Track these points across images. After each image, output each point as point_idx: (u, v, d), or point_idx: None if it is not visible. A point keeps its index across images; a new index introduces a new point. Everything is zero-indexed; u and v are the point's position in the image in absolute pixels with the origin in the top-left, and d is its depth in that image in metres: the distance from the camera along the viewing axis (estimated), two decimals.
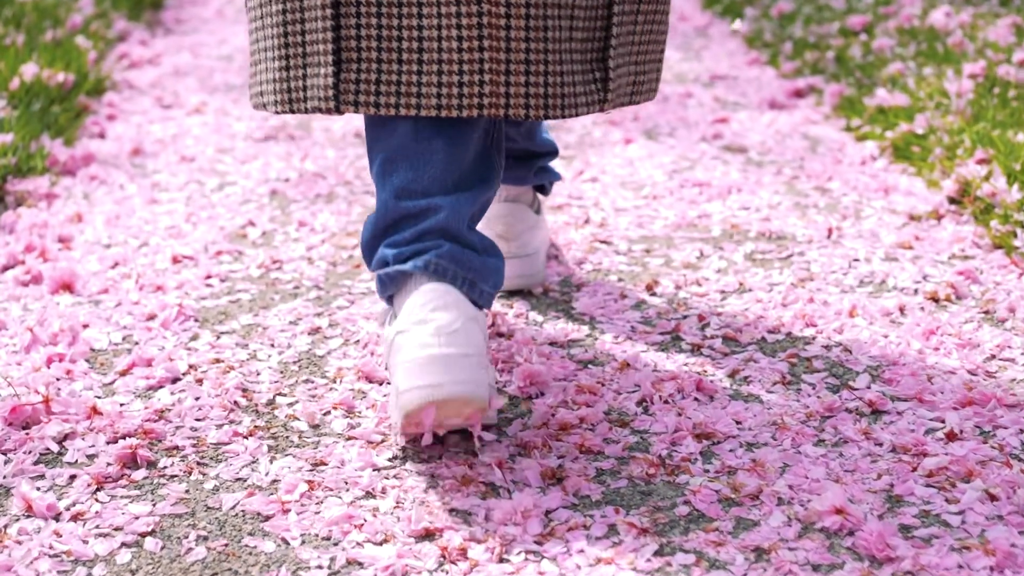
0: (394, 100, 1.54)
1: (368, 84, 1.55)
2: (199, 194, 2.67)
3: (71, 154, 2.79)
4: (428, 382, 1.47)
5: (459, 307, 1.54)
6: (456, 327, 1.51)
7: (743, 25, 3.76)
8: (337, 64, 1.55)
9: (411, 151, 1.60)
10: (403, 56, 1.53)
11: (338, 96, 1.55)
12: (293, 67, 1.58)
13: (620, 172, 2.72)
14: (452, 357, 1.48)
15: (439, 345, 1.49)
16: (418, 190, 1.60)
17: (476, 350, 1.50)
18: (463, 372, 1.48)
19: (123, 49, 3.81)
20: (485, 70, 1.52)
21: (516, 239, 2.05)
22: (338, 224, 2.46)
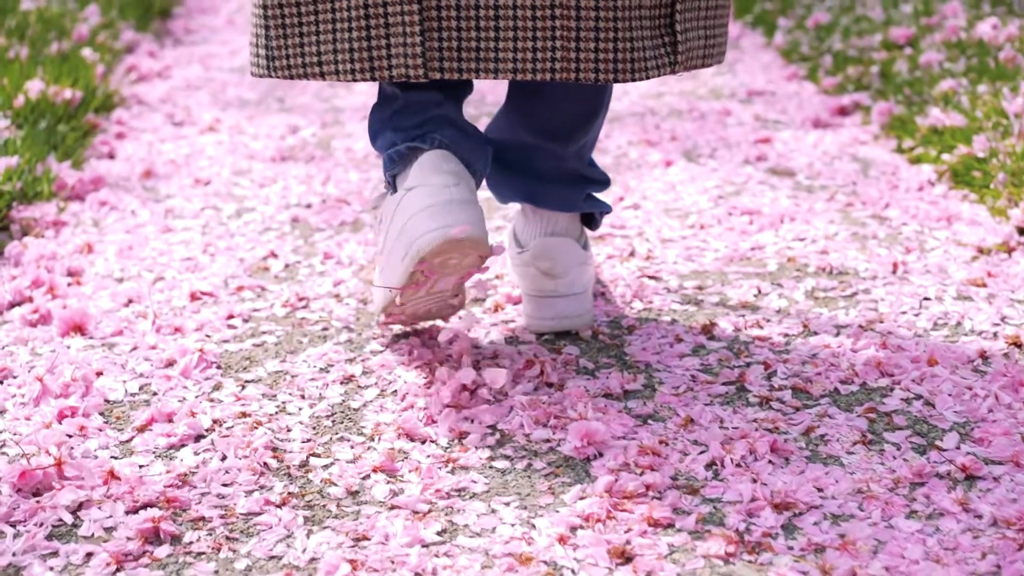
0: (474, 65, 1.64)
1: (450, 51, 1.64)
2: (216, 221, 2.51)
3: (79, 177, 2.64)
4: (442, 223, 1.65)
5: (460, 169, 1.72)
6: (460, 181, 1.70)
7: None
8: (423, 33, 1.63)
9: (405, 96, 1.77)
10: (480, 24, 1.62)
11: (426, 63, 1.64)
12: (375, 36, 1.65)
13: (662, 198, 2.57)
14: (466, 201, 1.67)
15: (449, 193, 1.67)
16: (421, 85, 1.76)
17: (476, 200, 1.70)
18: (474, 214, 1.68)
19: (131, 61, 3.66)
20: (556, 36, 1.62)
21: (563, 276, 1.94)
22: (366, 255, 2.31)
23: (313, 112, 3.23)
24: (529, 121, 1.89)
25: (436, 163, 1.71)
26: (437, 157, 1.72)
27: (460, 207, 1.68)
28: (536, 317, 1.95)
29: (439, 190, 1.68)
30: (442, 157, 1.72)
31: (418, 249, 1.67)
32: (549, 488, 1.56)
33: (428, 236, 1.66)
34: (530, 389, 1.79)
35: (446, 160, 1.72)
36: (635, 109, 3.17)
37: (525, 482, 1.58)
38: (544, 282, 1.92)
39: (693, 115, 3.11)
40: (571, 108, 1.88)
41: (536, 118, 1.88)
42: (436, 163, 1.71)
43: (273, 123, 3.14)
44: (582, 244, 1.99)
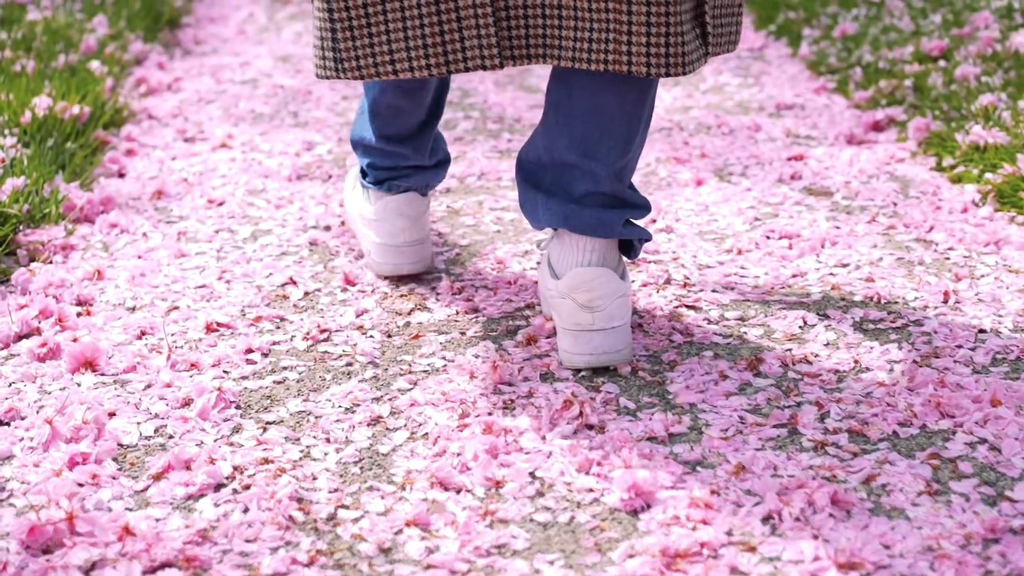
0: (542, 52, 1.73)
1: (519, 39, 1.72)
2: (231, 244, 2.41)
3: (88, 198, 2.54)
4: (393, 261, 2.19)
5: (417, 207, 2.18)
6: (415, 224, 2.18)
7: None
8: (497, 23, 1.70)
9: (388, 105, 2.10)
10: (546, 12, 1.70)
11: (501, 53, 1.72)
12: (448, 31, 1.71)
13: (696, 220, 2.46)
14: (415, 243, 2.19)
15: (403, 238, 2.18)
16: (392, 133, 2.13)
17: (425, 235, 2.21)
18: (417, 255, 2.20)
19: (140, 74, 3.55)
20: (610, 29, 1.68)
21: (601, 309, 1.84)
22: (389, 283, 2.20)
23: (328, 127, 3.13)
24: (568, 133, 1.83)
25: (398, 207, 2.16)
26: (398, 201, 2.17)
27: (410, 249, 2.18)
28: (573, 352, 1.86)
29: (396, 232, 2.17)
30: (402, 202, 2.17)
31: (373, 268, 2.22)
32: (595, 544, 1.45)
33: (383, 267, 2.20)
34: (569, 432, 1.68)
35: (406, 204, 2.17)
36: (662, 124, 3.07)
37: (569, 537, 1.47)
38: (581, 315, 1.84)
39: (722, 130, 3.00)
40: (610, 114, 1.81)
41: (574, 128, 1.82)
42: (398, 207, 2.16)
43: (287, 139, 3.04)
44: (620, 274, 1.89)
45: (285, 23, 4.30)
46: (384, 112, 2.11)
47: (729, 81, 3.44)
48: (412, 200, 2.17)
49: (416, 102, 2.10)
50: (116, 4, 4.17)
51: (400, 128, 2.13)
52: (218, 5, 4.65)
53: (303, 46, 3.97)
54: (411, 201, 2.17)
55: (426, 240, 2.20)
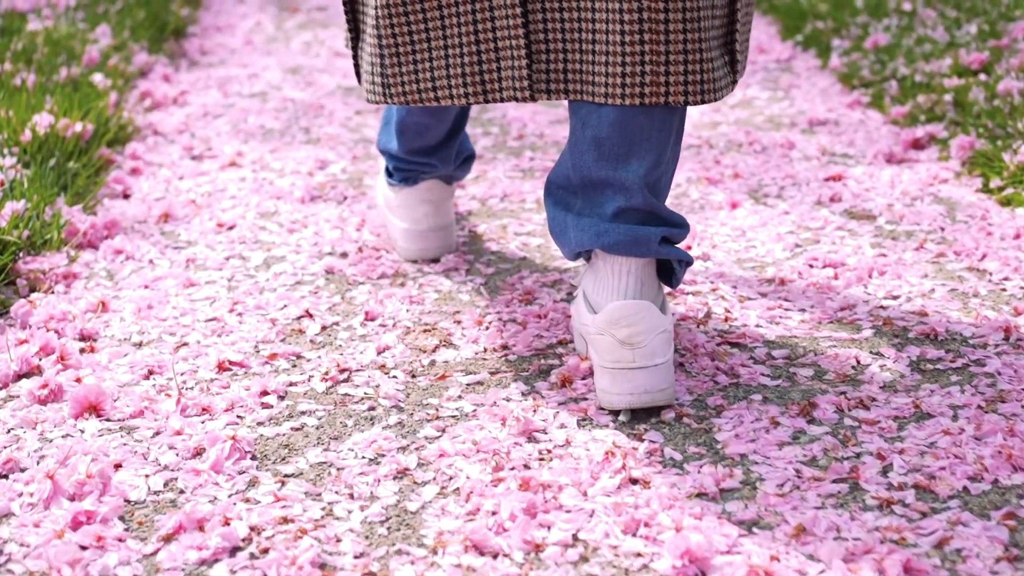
0: (579, 87, 1.72)
1: (557, 73, 1.72)
2: (242, 272, 2.28)
3: (92, 222, 2.41)
4: (420, 247, 2.30)
5: (440, 193, 2.29)
6: (438, 210, 2.29)
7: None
8: (529, 56, 1.70)
9: (411, 125, 2.17)
10: (582, 47, 1.69)
11: (532, 86, 1.72)
12: (486, 60, 1.72)
13: (733, 247, 2.33)
14: (438, 228, 2.29)
15: (426, 222, 2.29)
16: (418, 147, 2.21)
17: (449, 220, 2.31)
18: (442, 241, 2.31)
19: (145, 87, 3.42)
20: (646, 62, 1.67)
21: (642, 347, 1.71)
22: (411, 316, 2.07)
23: (342, 144, 3.00)
24: (596, 148, 1.74)
25: (419, 194, 2.27)
26: (421, 190, 2.27)
27: (434, 234, 2.29)
28: (612, 393, 1.73)
29: (419, 218, 2.28)
30: (425, 189, 2.27)
31: (401, 254, 2.31)
32: None
33: (410, 252, 2.30)
34: (612, 488, 1.56)
35: (428, 191, 2.27)
36: (690, 141, 2.94)
37: None
38: (621, 352, 1.71)
39: (754, 148, 2.87)
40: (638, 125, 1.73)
41: (602, 142, 1.74)
42: (419, 194, 2.27)
43: (299, 157, 2.91)
44: (661, 307, 1.78)
45: (294, 33, 4.17)
46: (411, 129, 2.18)
47: (758, 95, 3.31)
48: (434, 186, 2.27)
49: (441, 120, 2.17)
50: (120, 13, 4.04)
51: (426, 142, 2.20)
52: (225, 14, 4.53)
53: (312, 57, 3.84)
54: (433, 187, 2.27)
55: (450, 226, 2.31)
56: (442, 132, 2.19)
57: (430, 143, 2.20)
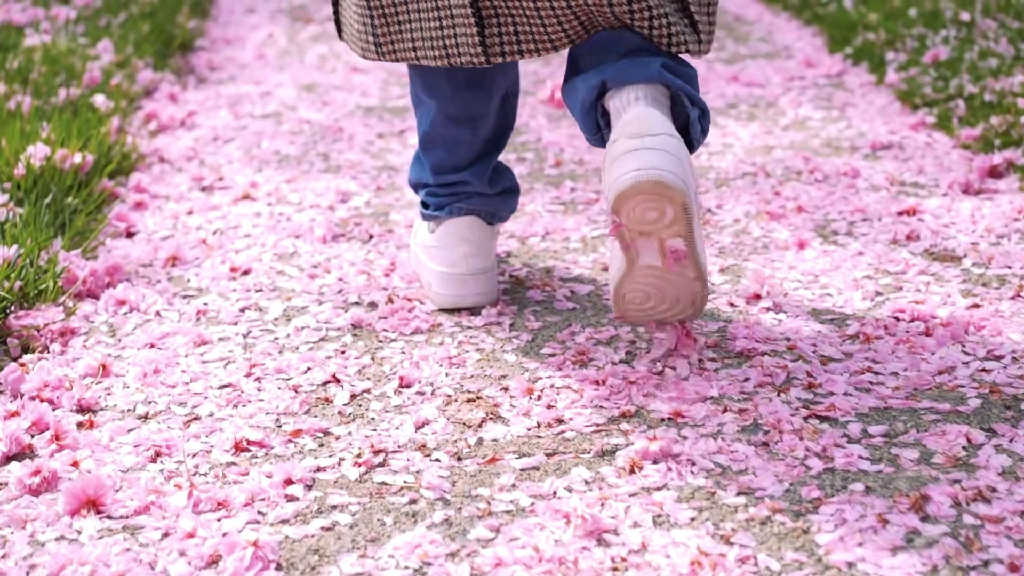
0: (533, 47, 1.81)
1: (508, 36, 1.81)
2: (259, 327, 2.04)
3: (92, 269, 2.17)
4: (457, 292, 2.05)
5: (480, 233, 2.06)
6: (478, 252, 2.05)
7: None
8: (479, 23, 1.80)
9: (443, 135, 2.04)
10: (527, 12, 1.77)
11: (487, 51, 1.82)
12: (446, 27, 1.82)
13: (805, 294, 2.09)
14: (474, 276, 2.04)
15: (465, 267, 2.04)
16: (450, 166, 2.05)
17: (490, 265, 2.07)
18: (481, 287, 2.06)
19: (150, 108, 3.18)
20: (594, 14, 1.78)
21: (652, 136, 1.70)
22: (452, 381, 1.84)
23: (364, 172, 2.76)
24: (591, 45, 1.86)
25: (458, 231, 2.05)
26: (460, 224, 2.06)
27: (473, 279, 2.05)
28: (620, 174, 1.69)
29: (457, 260, 2.05)
30: (464, 224, 2.05)
31: (435, 300, 2.07)
32: None
33: (443, 298, 2.06)
34: None
35: (467, 227, 2.05)
36: (743, 168, 2.70)
37: None
38: (630, 142, 1.70)
39: (815, 176, 2.63)
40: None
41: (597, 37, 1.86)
42: (458, 231, 2.05)
43: (318, 188, 2.67)
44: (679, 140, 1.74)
45: (308, 45, 3.94)
46: (438, 143, 2.05)
47: (811, 115, 3.07)
48: (475, 224, 2.06)
49: (472, 133, 2.04)
50: (123, 26, 3.81)
51: (457, 161, 2.06)
52: (234, 25, 4.29)
53: (328, 72, 3.60)
54: (473, 225, 2.06)
55: (492, 270, 2.07)
56: (473, 151, 2.05)
57: (461, 163, 2.05)
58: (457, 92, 2.02)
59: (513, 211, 2.15)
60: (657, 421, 1.72)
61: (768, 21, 4.07)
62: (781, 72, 3.42)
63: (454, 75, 1.99)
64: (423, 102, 2.06)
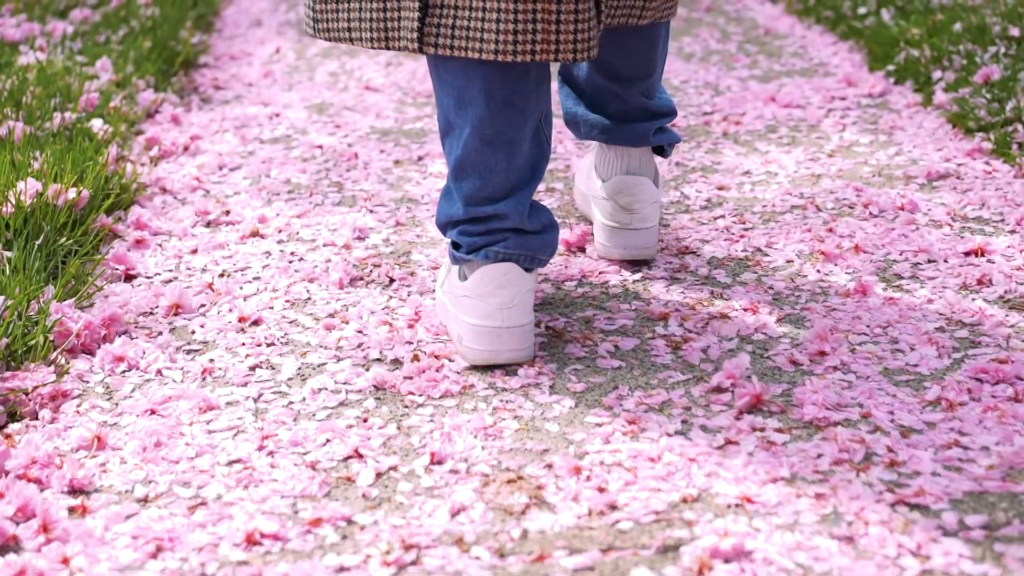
0: (465, 44, 1.78)
1: (447, 28, 1.78)
2: (272, 390, 1.85)
3: (87, 321, 1.98)
4: (491, 347, 1.86)
5: (519, 283, 1.86)
6: (515, 303, 1.85)
7: None
8: (423, 10, 1.78)
9: (476, 162, 1.87)
10: (472, 3, 1.76)
11: (422, 38, 1.80)
12: (390, 9, 1.81)
13: (873, 349, 1.90)
14: (510, 330, 1.86)
15: (500, 319, 1.85)
16: (485, 196, 1.88)
17: (528, 319, 1.87)
18: (517, 342, 1.87)
19: (152, 132, 2.99)
20: (538, 20, 1.76)
21: (639, 212, 2.18)
22: (488, 455, 1.64)
23: (382, 205, 2.56)
24: (599, 65, 2.15)
25: (494, 279, 1.86)
26: (496, 272, 1.86)
27: (508, 335, 1.86)
28: (609, 246, 2.21)
29: (492, 312, 1.86)
30: (500, 272, 1.86)
31: (465, 355, 1.89)
32: None
33: (476, 353, 1.88)
34: None
35: (504, 275, 1.86)
36: (791, 200, 2.49)
37: None
38: (621, 215, 2.18)
39: (869, 210, 2.43)
40: (630, 56, 2.13)
41: (603, 63, 2.13)
42: (494, 279, 1.86)
43: (333, 223, 2.47)
44: (656, 182, 2.22)
45: (318, 62, 3.73)
46: (472, 169, 1.88)
47: (857, 139, 2.87)
48: (512, 272, 1.87)
49: (508, 159, 1.87)
50: (123, 42, 3.61)
51: (492, 190, 1.88)
52: (240, 39, 4.09)
53: (339, 91, 3.40)
54: (511, 273, 1.87)
55: (530, 323, 1.88)
56: (510, 181, 1.87)
57: (496, 192, 1.87)
58: (492, 112, 1.84)
59: (553, 253, 1.96)
60: (724, 508, 1.52)
61: (800, 35, 3.86)
62: (820, 91, 3.22)
63: (491, 93, 1.83)
64: (454, 126, 1.88)
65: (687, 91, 3.29)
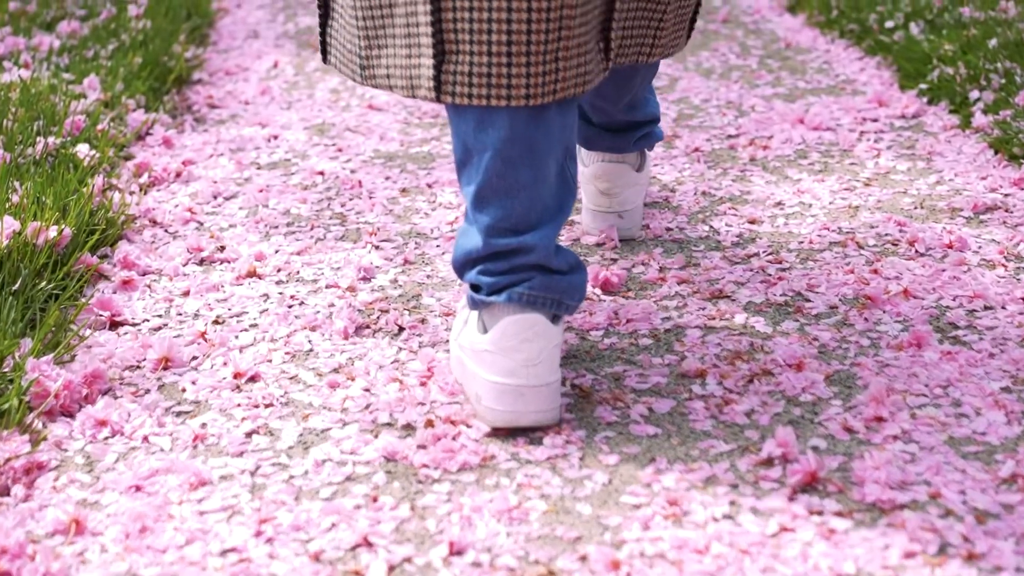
0: (485, 92, 1.65)
1: (462, 76, 1.66)
2: (271, 461, 1.67)
3: (67, 380, 1.79)
4: (513, 408, 1.68)
5: (545, 336, 1.68)
6: (541, 359, 1.68)
7: None
8: (439, 56, 1.66)
9: (499, 188, 1.70)
10: (492, 49, 1.64)
11: (439, 87, 1.67)
12: (414, 56, 1.70)
13: (935, 415, 1.72)
14: (535, 388, 1.68)
15: (525, 376, 1.67)
16: (508, 227, 1.71)
17: (554, 377, 1.69)
18: (542, 403, 1.69)
19: (141, 157, 2.80)
20: (560, 58, 1.66)
21: (618, 196, 2.28)
22: (514, 544, 1.46)
23: (388, 240, 2.38)
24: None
25: (518, 332, 1.68)
26: (520, 324, 1.68)
27: (533, 395, 1.68)
28: (591, 226, 2.32)
29: (515, 369, 1.68)
30: (526, 325, 1.68)
31: (484, 416, 1.71)
32: None
33: (496, 415, 1.70)
34: None
35: (530, 327, 1.68)
36: (829, 236, 2.31)
37: None
38: (600, 199, 2.28)
39: (915, 249, 2.25)
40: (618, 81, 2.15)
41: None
42: (518, 332, 1.68)
43: (336, 260, 2.29)
44: (636, 167, 2.30)
45: (318, 77, 3.55)
46: (494, 196, 1.70)
47: (893, 165, 2.69)
48: (538, 324, 1.68)
49: (533, 179, 1.70)
50: (112, 57, 3.42)
51: (516, 220, 1.70)
52: (236, 52, 3.90)
53: (341, 111, 3.22)
54: (537, 325, 1.68)
55: (556, 383, 1.70)
56: (535, 207, 1.70)
57: (522, 218, 1.70)
58: (516, 131, 1.67)
59: (581, 299, 1.77)
60: None
61: (824, 49, 3.68)
62: (850, 112, 3.04)
63: (516, 111, 1.66)
64: (472, 152, 1.70)
65: (709, 111, 3.11)
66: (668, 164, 2.74)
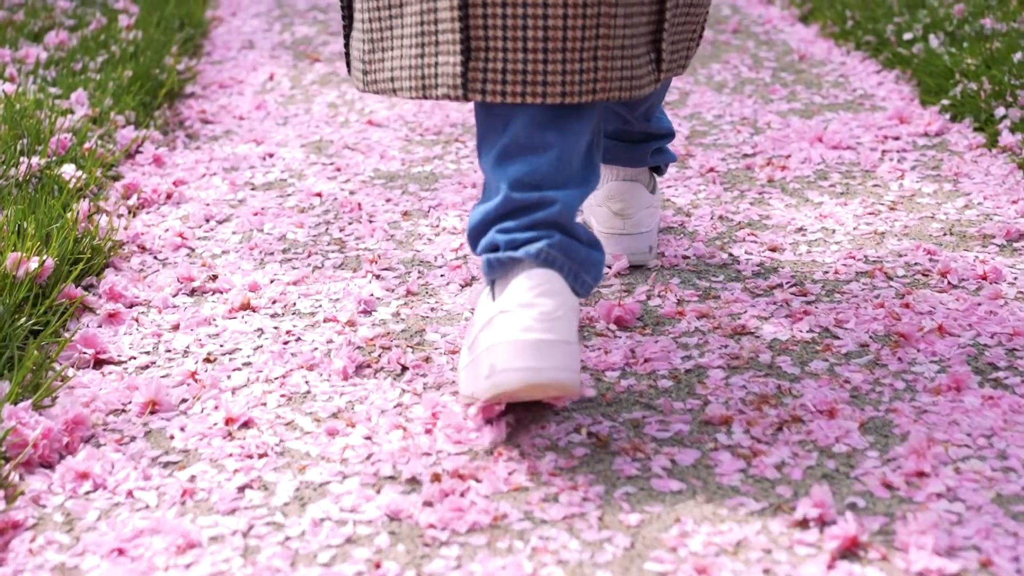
0: (520, 88, 1.61)
1: (495, 73, 1.61)
2: (264, 520, 1.54)
3: (47, 428, 1.67)
4: (530, 364, 1.54)
5: (563, 295, 1.60)
6: (559, 314, 1.57)
7: None
8: (466, 53, 1.61)
9: (526, 144, 1.66)
10: (528, 45, 1.59)
11: (466, 84, 1.62)
12: (428, 55, 1.64)
13: (982, 468, 1.60)
14: (555, 343, 1.55)
15: (542, 331, 1.55)
16: (532, 182, 1.66)
17: (574, 339, 1.58)
18: (564, 359, 1.55)
19: (131, 178, 2.68)
20: (599, 56, 1.62)
21: (632, 218, 2.19)
22: None
23: (389, 268, 2.26)
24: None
25: (535, 286, 1.60)
26: (537, 279, 1.61)
27: (551, 349, 1.56)
28: (608, 252, 2.18)
29: (531, 324, 1.57)
30: (543, 279, 1.61)
31: (502, 383, 1.57)
32: None
33: (513, 375, 1.56)
34: None
35: (547, 282, 1.61)
36: (855, 266, 2.19)
37: None
38: (614, 220, 2.19)
39: (947, 280, 2.13)
40: None
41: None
42: (535, 286, 1.60)
43: (334, 291, 2.17)
44: (650, 189, 2.25)
45: (315, 91, 3.43)
46: (518, 152, 1.66)
47: (918, 187, 2.57)
48: (556, 281, 1.61)
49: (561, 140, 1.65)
50: (101, 70, 3.30)
51: (540, 177, 1.65)
52: (230, 64, 3.77)
53: (339, 126, 3.10)
54: (555, 282, 1.61)
55: (575, 346, 1.59)
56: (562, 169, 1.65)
57: (547, 174, 1.65)
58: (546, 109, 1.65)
59: (597, 279, 1.73)
60: None
61: (839, 61, 3.56)
62: (870, 129, 2.92)
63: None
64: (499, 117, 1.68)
65: (723, 128, 2.99)
66: (682, 185, 2.62)
